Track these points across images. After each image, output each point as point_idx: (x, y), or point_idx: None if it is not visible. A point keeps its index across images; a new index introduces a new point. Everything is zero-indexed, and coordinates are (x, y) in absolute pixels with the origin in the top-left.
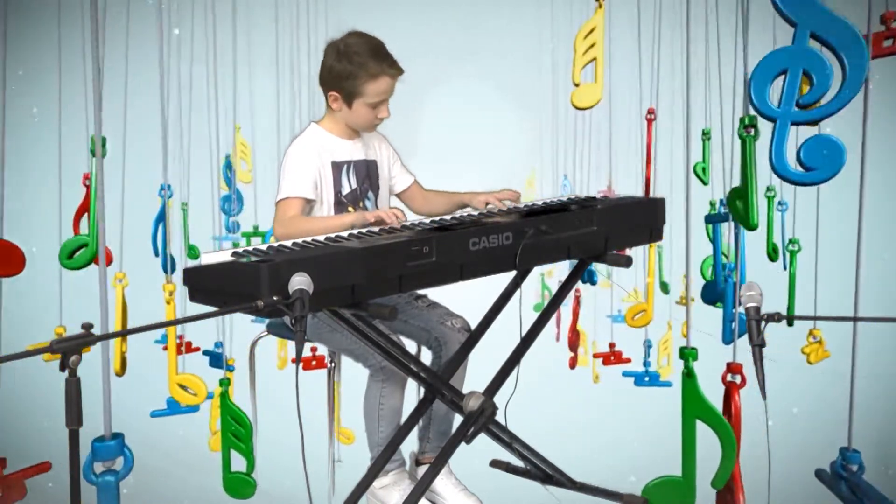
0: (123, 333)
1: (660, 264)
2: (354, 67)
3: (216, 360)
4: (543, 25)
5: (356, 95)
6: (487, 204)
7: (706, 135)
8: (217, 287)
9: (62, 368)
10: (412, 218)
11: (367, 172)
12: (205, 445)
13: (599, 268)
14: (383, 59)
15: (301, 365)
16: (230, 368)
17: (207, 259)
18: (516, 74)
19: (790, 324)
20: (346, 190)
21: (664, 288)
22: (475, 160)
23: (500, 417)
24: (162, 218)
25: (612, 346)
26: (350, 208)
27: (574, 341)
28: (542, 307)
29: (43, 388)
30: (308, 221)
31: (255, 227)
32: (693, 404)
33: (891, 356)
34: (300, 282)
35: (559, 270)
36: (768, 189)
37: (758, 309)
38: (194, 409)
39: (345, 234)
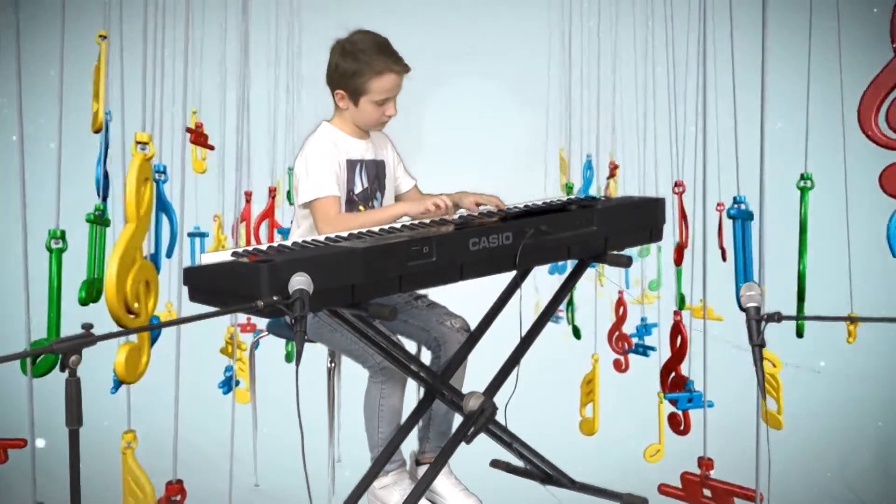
0: (122, 334)
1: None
2: (360, 65)
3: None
4: (548, 23)
5: (362, 93)
6: (478, 205)
7: None
8: (217, 287)
9: (62, 368)
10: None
11: (377, 173)
12: None
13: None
14: (388, 56)
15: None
16: None
17: (207, 259)
18: (520, 73)
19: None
20: (357, 189)
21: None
22: (479, 160)
23: (500, 417)
24: None
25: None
26: (361, 207)
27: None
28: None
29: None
30: (358, 217)
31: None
32: None
33: (890, 357)
34: (300, 282)
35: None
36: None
37: (758, 309)
38: None
39: (344, 234)
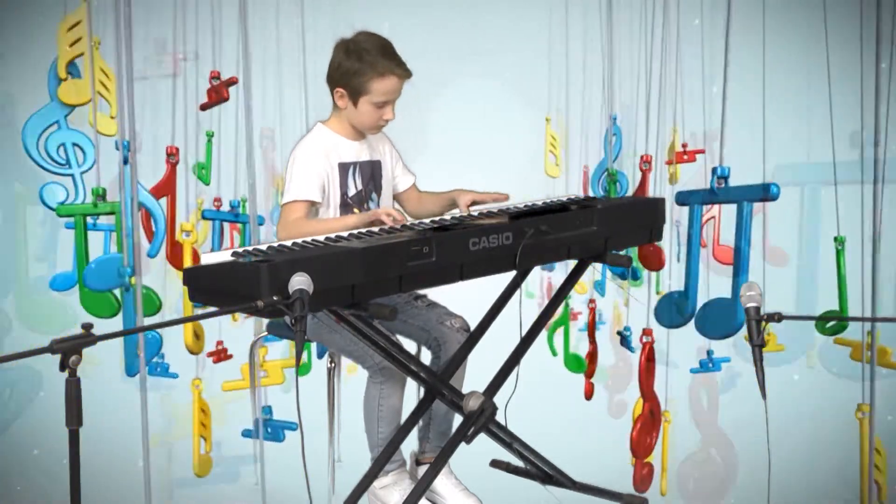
0: (122, 333)
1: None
2: (363, 65)
3: None
4: (550, 23)
5: (362, 93)
6: (471, 205)
7: None
8: (217, 287)
9: (62, 368)
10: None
11: (372, 173)
12: None
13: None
14: (392, 59)
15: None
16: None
17: (207, 259)
18: (524, 73)
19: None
20: (351, 191)
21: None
22: (483, 160)
23: (500, 417)
24: None
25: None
26: (355, 210)
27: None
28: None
29: None
30: (310, 224)
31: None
32: None
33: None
34: (300, 282)
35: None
36: None
37: (758, 309)
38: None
39: (345, 234)
